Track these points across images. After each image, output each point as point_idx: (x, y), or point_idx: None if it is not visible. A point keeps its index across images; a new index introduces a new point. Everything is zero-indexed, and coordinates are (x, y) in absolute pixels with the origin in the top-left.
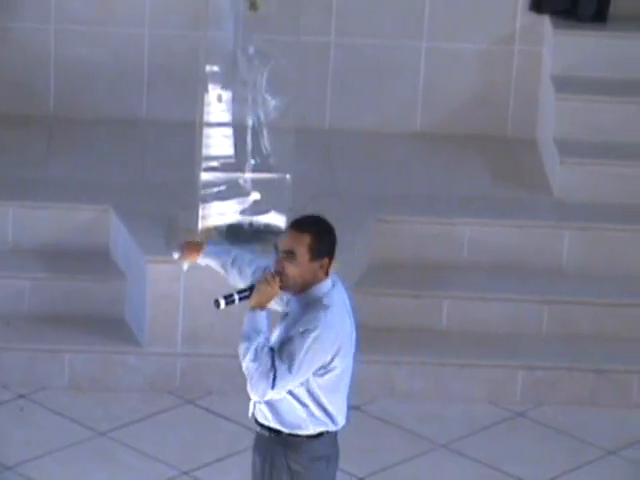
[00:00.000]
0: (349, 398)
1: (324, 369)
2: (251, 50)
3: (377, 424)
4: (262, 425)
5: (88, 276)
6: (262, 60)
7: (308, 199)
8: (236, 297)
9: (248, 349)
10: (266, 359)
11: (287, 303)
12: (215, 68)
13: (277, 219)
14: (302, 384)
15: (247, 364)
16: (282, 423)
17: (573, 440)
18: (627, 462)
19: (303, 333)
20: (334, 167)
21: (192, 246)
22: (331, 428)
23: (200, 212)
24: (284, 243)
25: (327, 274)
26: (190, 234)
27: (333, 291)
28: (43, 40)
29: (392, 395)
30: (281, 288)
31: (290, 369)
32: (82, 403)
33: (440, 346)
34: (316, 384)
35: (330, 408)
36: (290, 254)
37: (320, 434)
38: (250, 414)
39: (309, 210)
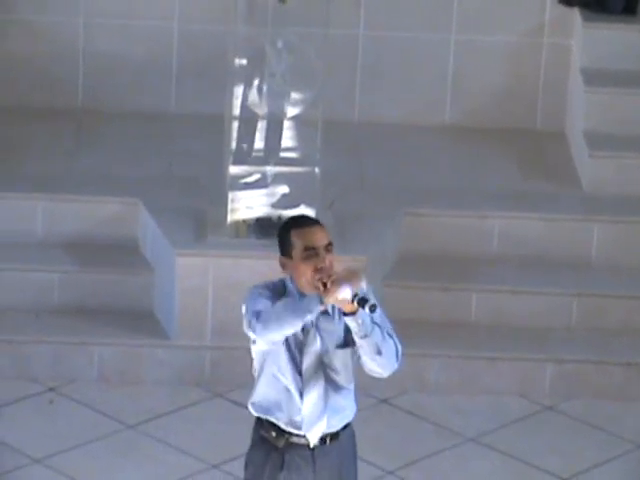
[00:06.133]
0: (378, 391)
1: None
2: (279, 43)
3: (406, 417)
4: (338, 431)
5: (117, 269)
6: (290, 53)
7: (337, 192)
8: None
9: (375, 332)
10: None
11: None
12: (244, 61)
13: (306, 213)
14: None
15: (382, 345)
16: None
17: (603, 434)
18: None
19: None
20: (363, 160)
21: None
22: None
23: (229, 205)
24: (322, 238)
25: None
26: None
27: None
28: (72, 33)
29: (421, 388)
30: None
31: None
32: (111, 396)
33: (469, 339)
34: None
35: None
36: (331, 245)
37: None
38: (317, 440)
39: (335, 205)
